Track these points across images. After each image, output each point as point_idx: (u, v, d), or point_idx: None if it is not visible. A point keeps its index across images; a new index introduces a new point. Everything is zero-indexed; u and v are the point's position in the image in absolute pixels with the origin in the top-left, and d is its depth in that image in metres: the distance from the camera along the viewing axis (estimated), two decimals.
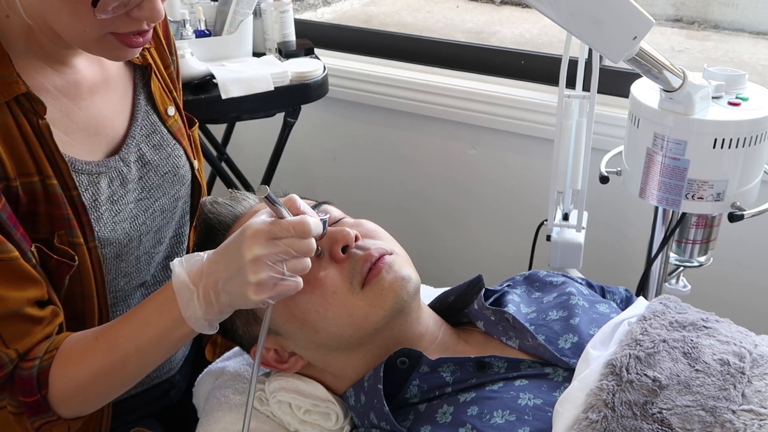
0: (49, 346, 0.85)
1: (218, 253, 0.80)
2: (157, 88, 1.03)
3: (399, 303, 0.88)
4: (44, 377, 0.84)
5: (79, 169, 0.91)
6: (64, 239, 0.88)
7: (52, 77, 0.90)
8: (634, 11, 0.98)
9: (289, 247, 0.77)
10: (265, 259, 0.76)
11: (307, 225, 0.78)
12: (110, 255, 0.95)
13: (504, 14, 2.61)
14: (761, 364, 0.81)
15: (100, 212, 0.93)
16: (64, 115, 0.91)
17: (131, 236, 0.97)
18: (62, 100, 0.91)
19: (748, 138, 1.18)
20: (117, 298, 1.01)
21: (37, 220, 0.87)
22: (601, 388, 0.78)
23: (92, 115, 0.94)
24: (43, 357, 0.84)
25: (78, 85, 0.93)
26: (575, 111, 1.38)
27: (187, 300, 0.79)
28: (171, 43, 1.09)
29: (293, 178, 2.27)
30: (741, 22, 2.16)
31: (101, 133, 0.95)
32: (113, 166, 0.95)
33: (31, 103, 0.84)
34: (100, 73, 0.96)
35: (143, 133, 1.00)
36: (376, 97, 2.05)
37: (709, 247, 1.38)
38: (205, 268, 0.80)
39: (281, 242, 0.77)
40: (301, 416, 0.94)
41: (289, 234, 0.77)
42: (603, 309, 0.98)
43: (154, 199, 1.01)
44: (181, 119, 1.08)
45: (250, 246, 0.76)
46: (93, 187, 0.92)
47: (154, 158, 1.01)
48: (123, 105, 0.99)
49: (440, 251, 2.19)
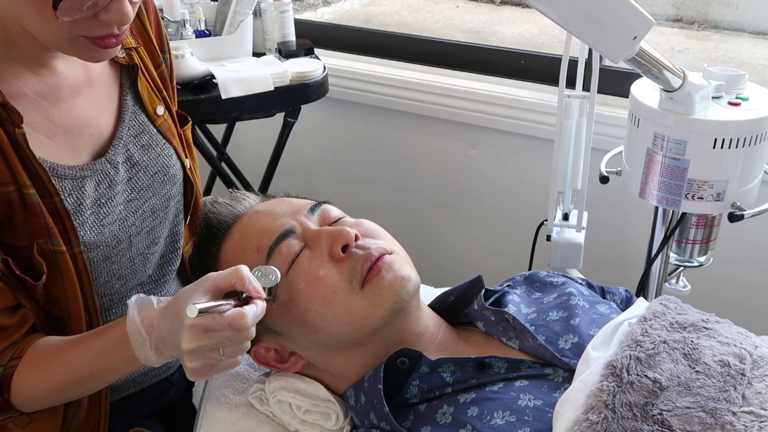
0: (14, 353, 0.88)
1: (165, 314, 0.81)
2: (145, 87, 1.01)
3: (398, 302, 0.88)
4: (7, 383, 0.87)
5: (62, 174, 0.89)
6: (44, 247, 0.88)
7: (30, 81, 0.88)
8: (634, 11, 0.98)
9: (225, 339, 0.78)
10: (199, 351, 0.78)
11: (243, 320, 0.76)
12: (98, 258, 0.94)
13: (504, 14, 2.61)
14: (761, 366, 0.81)
15: (85, 216, 0.92)
16: (44, 118, 0.89)
17: (120, 238, 0.96)
18: (42, 104, 0.89)
19: (748, 138, 1.18)
20: (113, 300, 1.00)
21: (16, 228, 0.86)
22: (602, 389, 0.78)
23: (75, 117, 0.93)
24: (7, 364, 0.87)
25: (59, 87, 0.91)
26: (575, 111, 1.38)
27: (140, 344, 0.82)
28: (164, 41, 1.07)
29: (293, 178, 2.27)
30: (741, 22, 2.16)
31: (85, 133, 0.94)
32: (100, 169, 0.94)
33: (8, 112, 0.83)
34: (82, 73, 0.95)
35: (131, 133, 0.99)
36: (376, 97, 2.05)
37: (709, 247, 1.38)
38: (155, 321, 0.81)
39: (217, 335, 0.77)
40: (301, 416, 0.94)
41: (225, 329, 0.77)
42: (603, 310, 0.98)
43: (143, 199, 1.00)
44: (172, 118, 1.07)
45: (186, 338, 0.77)
46: (77, 192, 0.91)
47: (142, 158, 1.00)
48: (108, 105, 0.98)
49: (440, 251, 2.19)
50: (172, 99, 1.10)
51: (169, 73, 1.09)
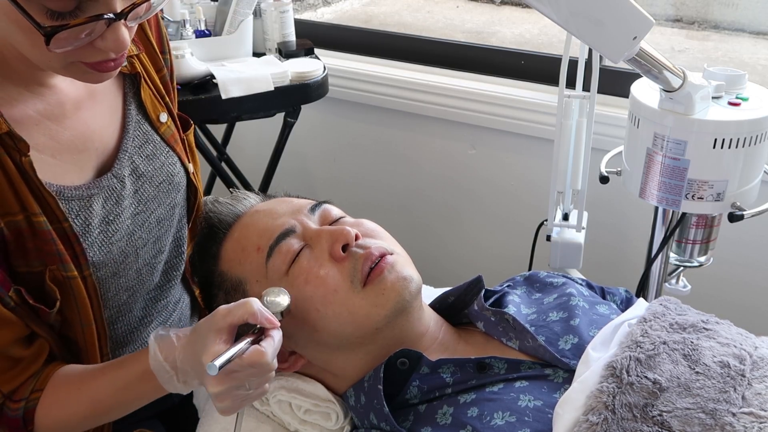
0: (35, 385, 0.87)
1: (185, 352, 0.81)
2: (148, 96, 0.99)
3: (401, 303, 0.88)
4: (30, 416, 0.87)
5: (69, 196, 0.88)
6: (57, 274, 0.87)
7: (32, 102, 0.86)
8: (634, 11, 0.98)
9: (249, 376, 0.78)
10: (227, 392, 0.78)
11: (264, 358, 0.76)
12: (106, 276, 0.93)
13: (504, 14, 2.61)
14: (761, 367, 0.81)
15: (93, 237, 0.90)
16: (49, 138, 0.88)
17: (127, 252, 0.95)
18: (46, 123, 0.88)
19: (748, 138, 1.18)
20: (120, 311, 0.99)
21: (28, 254, 0.85)
22: (602, 390, 0.78)
23: (79, 132, 0.91)
24: (29, 397, 0.86)
25: (61, 104, 0.89)
26: (575, 111, 1.38)
27: (168, 380, 0.82)
28: (164, 41, 1.05)
29: (293, 178, 2.27)
30: (741, 22, 2.16)
31: (90, 148, 0.92)
32: (106, 185, 0.92)
33: (14, 141, 0.81)
34: (84, 87, 0.92)
35: (135, 144, 0.97)
36: (376, 97, 2.05)
37: (709, 247, 1.38)
38: (178, 359, 0.81)
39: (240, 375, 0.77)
40: (301, 416, 0.94)
41: (247, 369, 0.77)
42: (603, 310, 0.98)
43: (150, 211, 0.98)
44: (175, 124, 1.05)
45: (211, 384, 0.77)
46: (84, 212, 0.89)
47: (147, 169, 0.98)
48: (112, 117, 0.96)
49: (440, 251, 2.19)
50: (173, 101, 1.08)
51: (170, 74, 1.07)
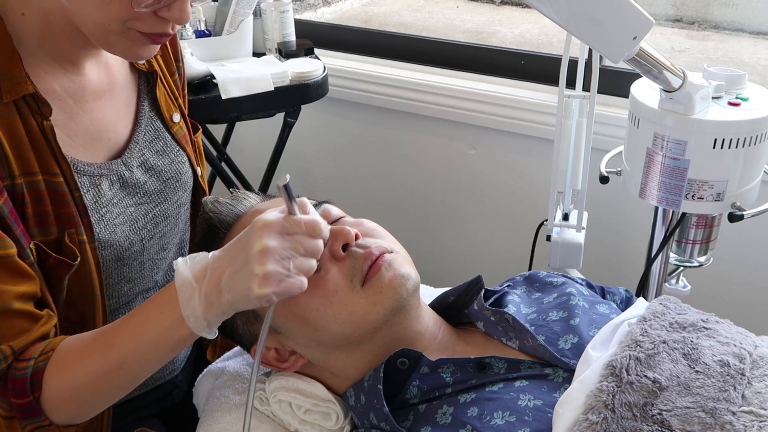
0: (44, 347, 0.84)
1: (225, 249, 0.80)
2: (163, 94, 1.04)
3: (398, 301, 0.88)
4: (38, 378, 0.82)
5: (81, 170, 0.91)
6: (74, 237, 0.88)
7: (60, 78, 0.90)
8: (634, 11, 0.98)
9: (299, 243, 0.77)
10: (273, 252, 0.75)
11: (319, 225, 0.79)
12: (110, 258, 0.95)
13: (504, 14, 2.61)
14: (761, 366, 0.81)
15: (101, 213, 0.93)
16: (68, 117, 0.91)
17: (132, 240, 0.97)
18: (68, 102, 0.91)
19: (748, 138, 1.18)
20: (119, 303, 1.01)
21: (47, 221, 0.87)
22: (601, 389, 0.78)
23: (95, 119, 0.95)
24: (38, 358, 0.83)
25: (84, 89, 0.93)
26: (575, 111, 1.38)
27: (188, 298, 0.78)
28: (178, 50, 1.10)
29: (293, 178, 2.25)
30: (741, 22, 2.16)
31: (103, 137, 0.96)
32: (115, 169, 0.96)
33: (38, 104, 0.85)
34: (106, 78, 0.97)
35: (146, 138, 1.01)
36: (376, 97, 2.05)
37: (709, 247, 1.38)
38: (209, 264, 0.80)
39: (292, 238, 0.77)
40: (301, 416, 0.94)
41: (301, 231, 0.77)
42: (603, 310, 0.98)
43: (154, 203, 1.01)
44: (186, 126, 1.09)
45: (260, 237, 0.75)
46: (94, 189, 0.93)
47: (157, 164, 1.02)
48: (127, 111, 1.00)
49: (440, 251, 2.19)
50: (183, 105, 1.12)
51: (181, 80, 1.11)
